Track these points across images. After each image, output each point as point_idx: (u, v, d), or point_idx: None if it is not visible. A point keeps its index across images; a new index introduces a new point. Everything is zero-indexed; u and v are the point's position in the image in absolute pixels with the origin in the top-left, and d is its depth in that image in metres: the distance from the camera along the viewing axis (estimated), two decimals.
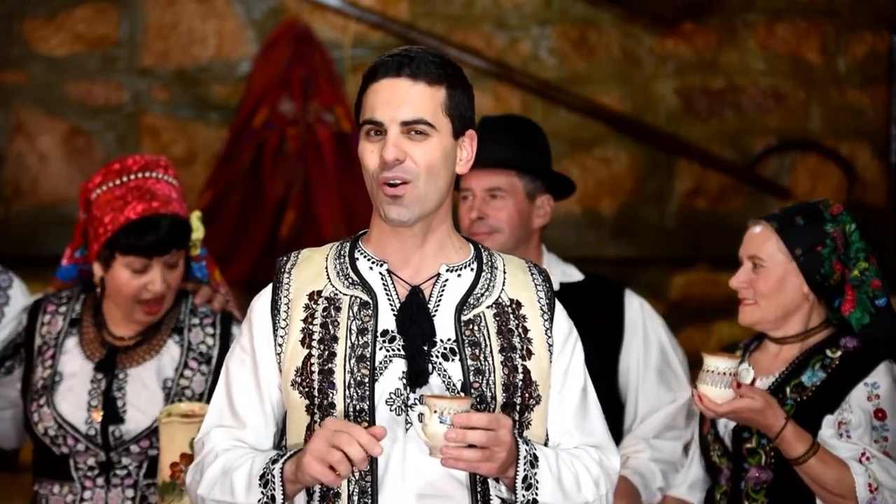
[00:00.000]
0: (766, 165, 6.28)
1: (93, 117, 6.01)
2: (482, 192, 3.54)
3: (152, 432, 3.24)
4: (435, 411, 2.37)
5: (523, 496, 2.48)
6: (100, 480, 3.25)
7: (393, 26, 6.08)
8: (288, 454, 2.48)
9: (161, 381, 3.31)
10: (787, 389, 3.15)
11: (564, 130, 6.18)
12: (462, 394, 2.49)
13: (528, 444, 2.50)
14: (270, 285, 2.62)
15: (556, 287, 3.56)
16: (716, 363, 2.98)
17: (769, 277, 3.18)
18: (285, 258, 2.65)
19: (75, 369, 3.29)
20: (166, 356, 3.33)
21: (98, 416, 3.24)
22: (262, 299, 2.61)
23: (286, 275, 2.61)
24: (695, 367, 3.72)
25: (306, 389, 2.51)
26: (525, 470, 2.47)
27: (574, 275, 3.69)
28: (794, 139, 6.28)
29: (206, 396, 3.31)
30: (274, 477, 2.46)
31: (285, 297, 2.58)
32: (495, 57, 6.12)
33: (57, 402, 3.25)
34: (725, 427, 3.23)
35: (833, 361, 3.16)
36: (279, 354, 2.56)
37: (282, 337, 2.56)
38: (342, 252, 2.62)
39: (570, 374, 2.61)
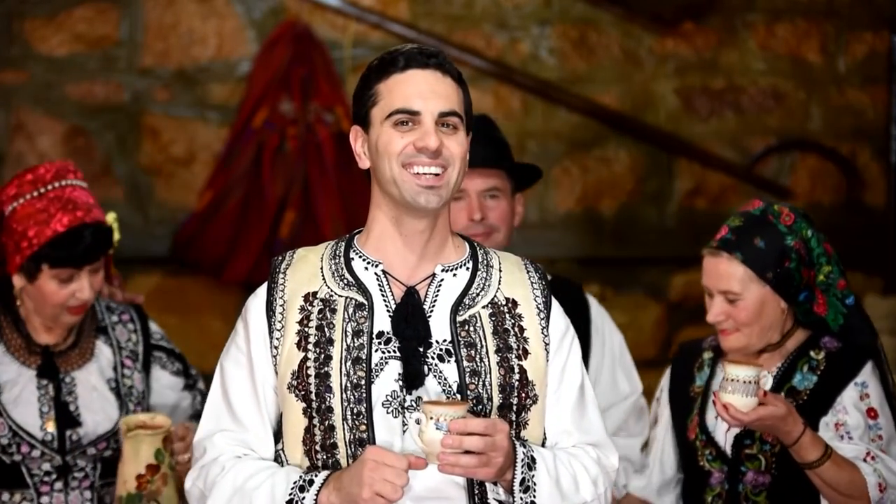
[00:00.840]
0: (766, 165, 6.28)
1: (93, 117, 6.00)
2: (479, 192, 3.53)
3: (112, 436, 3.25)
4: (431, 417, 2.37)
5: (521, 499, 2.47)
6: (58, 485, 3.25)
7: (393, 26, 6.08)
8: (318, 481, 2.45)
9: (106, 382, 3.32)
10: (782, 394, 3.15)
11: (564, 130, 6.18)
12: (459, 398, 2.49)
13: (525, 447, 2.49)
14: (265, 285, 2.61)
15: None
16: (740, 372, 2.97)
17: (748, 307, 3.17)
18: (280, 258, 2.63)
19: (13, 376, 3.28)
20: (102, 357, 3.34)
21: (51, 425, 3.25)
22: (257, 300, 2.60)
23: (281, 275, 2.60)
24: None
25: (303, 393, 2.50)
26: (522, 473, 2.47)
27: None
28: (794, 139, 6.28)
29: (146, 394, 3.34)
30: None
31: (280, 298, 2.57)
32: (495, 57, 6.12)
33: (9, 411, 3.24)
34: (715, 429, 3.23)
35: (819, 363, 3.17)
36: (275, 357, 2.55)
37: (277, 339, 2.55)
38: (337, 252, 2.60)
39: (568, 372, 2.61)
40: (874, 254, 6.19)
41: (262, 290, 2.62)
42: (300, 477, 2.47)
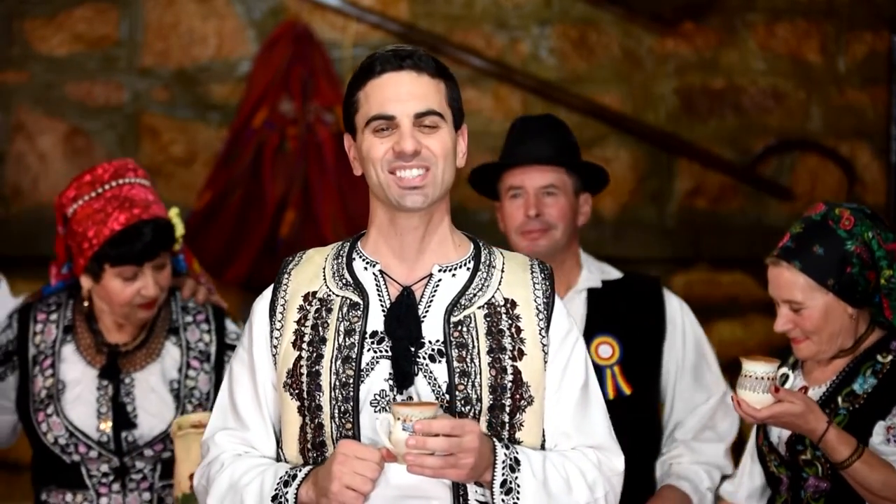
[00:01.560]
0: (766, 165, 6.28)
1: (93, 117, 6.00)
2: (536, 189, 3.53)
3: (166, 436, 3.25)
4: (398, 418, 2.38)
5: (503, 500, 2.45)
6: (115, 486, 3.26)
7: (393, 26, 6.08)
8: (300, 476, 2.46)
9: (167, 384, 3.31)
10: (839, 398, 3.11)
11: None
12: (447, 399, 2.48)
13: (508, 448, 2.47)
14: (272, 285, 2.63)
15: (598, 285, 3.58)
16: (754, 368, 2.95)
17: (813, 315, 3.12)
18: (290, 258, 2.65)
19: (77, 376, 3.29)
20: (168, 358, 3.33)
21: (107, 426, 3.25)
22: (263, 301, 2.62)
23: (286, 275, 2.62)
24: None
25: (297, 391, 2.52)
26: (504, 474, 2.45)
27: (612, 273, 3.68)
28: (794, 139, 6.28)
29: (212, 395, 3.32)
30: (287, 501, 2.45)
31: (283, 297, 2.59)
32: (495, 57, 6.12)
33: (66, 411, 3.25)
34: (779, 438, 3.20)
35: (884, 367, 3.12)
36: (275, 356, 2.56)
37: (276, 339, 2.57)
38: (341, 253, 2.62)
39: (569, 372, 2.59)
40: None
41: (267, 291, 2.64)
42: (286, 472, 2.49)
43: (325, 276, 2.59)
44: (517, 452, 2.48)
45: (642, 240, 6.19)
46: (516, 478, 2.45)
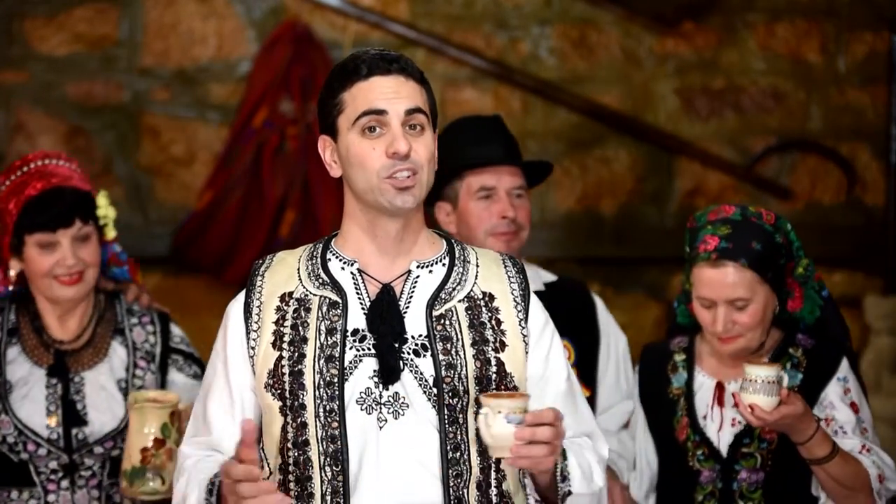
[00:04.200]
0: (766, 165, 6.28)
1: (93, 117, 6.01)
2: (508, 190, 3.52)
3: (118, 434, 3.26)
4: (499, 411, 2.39)
5: (561, 488, 2.52)
6: (64, 483, 3.25)
7: (393, 26, 6.08)
8: (215, 490, 2.49)
9: (116, 383, 3.32)
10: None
11: (564, 130, 6.18)
12: (435, 392, 2.50)
13: None
14: (244, 289, 2.64)
15: (541, 287, 3.57)
16: (761, 372, 2.99)
17: (755, 311, 3.18)
18: (260, 261, 2.67)
19: (24, 375, 3.29)
20: (115, 358, 3.34)
21: (54, 421, 3.25)
22: (237, 304, 2.65)
23: (259, 277, 2.64)
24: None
25: (278, 391, 2.53)
26: (560, 462, 2.52)
27: (548, 276, 3.68)
28: (794, 139, 6.28)
29: None
30: None
31: (258, 299, 2.61)
32: (495, 57, 6.12)
33: (15, 409, 3.24)
34: (706, 428, 3.24)
35: (801, 361, 3.21)
36: (252, 357, 2.58)
37: (254, 340, 2.58)
38: (314, 253, 2.63)
39: (552, 364, 2.63)
40: (874, 254, 6.19)
41: (241, 295, 2.66)
42: (210, 482, 2.51)
43: (300, 276, 2.60)
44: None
45: (642, 240, 6.19)
46: (566, 465, 2.53)
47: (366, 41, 6.06)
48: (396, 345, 2.52)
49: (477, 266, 2.63)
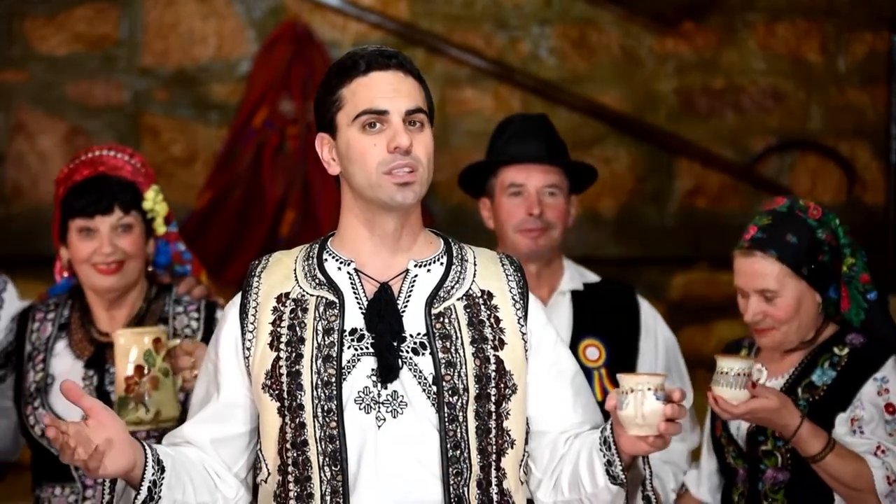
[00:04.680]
0: (766, 165, 6.28)
1: (93, 117, 6.01)
2: (538, 188, 3.51)
3: (149, 423, 3.25)
4: (649, 388, 2.39)
5: (643, 470, 2.55)
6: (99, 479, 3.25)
7: (393, 26, 6.08)
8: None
9: None
10: (799, 390, 3.14)
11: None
12: (435, 390, 2.49)
13: None
14: (241, 291, 2.64)
15: (580, 287, 3.58)
16: (730, 364, 2.97)
17: (786, 304, 3.14)
18: (256, 262, 2.66)
19: (66, 369, 3.29)
20: None
21: None
22: (233, 307, 2.64)
23: (255, 278, 2.63)
24: (694, 368, 3.73)
25: (276, 392, 2.52)
26: None
27: (591, 276, 3.69)
28: (794, 139, 6.28)
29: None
30: None
31: (254, 300, 2.60)
32: (495, 57, 6.12)
33: (52, 404, 3.25)
34: (738, 430, 3.22)
35: (841, 359, 3.15)
36: (247, 359, 2.57)
37: (250, 341, 2.57)
38: (311, 254, 2.62)
39: (561, 360, 2.63)
40: (874, 253, 6.18)
41: (237, 297, 2.65)
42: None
43: (296, 277, 2.59)
44: None
45: (642, 240, 6.20)
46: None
47: (366, 41, 6.06)
48: (395, 343, 2.51)
49: (475, 265, 2.63)
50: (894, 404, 3.11)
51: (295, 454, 2.51)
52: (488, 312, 2.57)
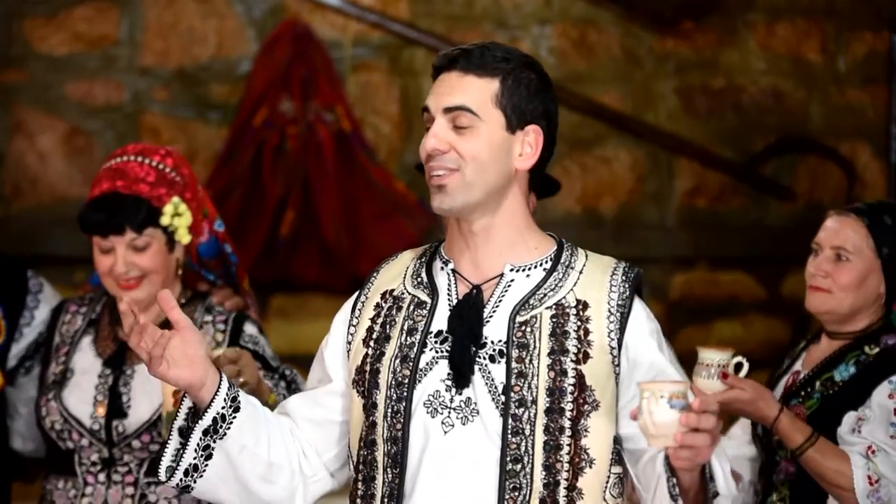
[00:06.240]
0: (766, 165, 6.28)
1: (93, 117, 6.01)
2: None
3: (152, 426, 3.25)
4: (661, 396, 2.24)
5: (710, 488, 2.37)
6: (101, 476, 3.25)
7: (393, 26, 6.08)
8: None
9: None
10: (817, 383, 3.13)
11: (564, 130, 6.10)
12: (503, 399, 2.41)
13: None
14: (363, 284, 2.63)
15: None
16: (706, 355, 2.98)
17: (853, 270, 3.13)
18: (389, 257, 2.65)
19: (86, 366, 3.29)
20: None
21: (102, 411, 3.24)
22: (351, 298, 2.63)
23: (376, 273, 2.62)
24: (693, 368, 3.73)
25: (362, 389, 2.50)
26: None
27: None
28: (794, 139, 6.28)
29: None
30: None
31: (365, 295, 2.59)
32: None
33: (64, 397, 3.25)
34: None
35: (868, 358, 3.13)
36: (348, 352, 2.56)
37: (351, 335, 2.56)
38: (426, 253, 2.60)
39: (662, 372, 2.48)
40: None
41: (361, 287, 2.64)
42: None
43: (405, 274, 2.57)
44: None
45: (642, 239, 6.19)
46: (710, 463, 2.36)
47: (366, 41, 6.07)
48: (473, 349, 2.44)
49: (580, 273, 2.54)
50: None
51: (365, 453, 2.48)
52: (578, 324, 2.47)
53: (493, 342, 2.46)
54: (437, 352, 2.47)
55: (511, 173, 2.52)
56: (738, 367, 3.01)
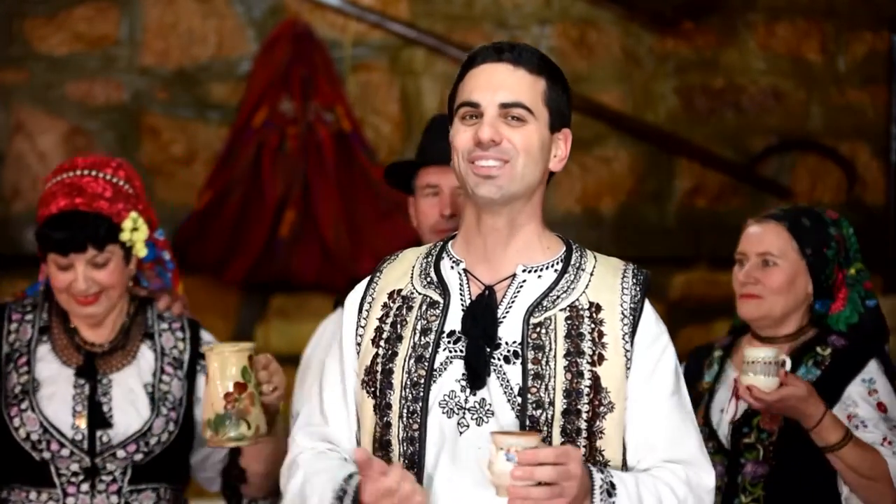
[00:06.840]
0: (766, 165, 6.28)
1: (93, 117, 6.01)
2: (452, 188, 3.50)
3: (140, 437, 3.23)
4: (501, 448, 2.28)
5: None
6: (84, 486, 3.23)
7: (393, 25, 6.08)
8: (351, 492, 2.43)
9: (143, 387, 3.30)
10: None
11: None
12: (519, 401, 2.42)
13: (603, 473, 2.39)
14: (366, 280, 2.61)
15: None
16: (760, 353, 3.01)
17: (782, 274, 3.22)
18: (389, 256, 2.64)
19: (52, 374, 3.26)
20: (143, 362, 3.32)
21: (82, 422, 3.22)
22: (355, 295, 2.60)
23: (380, 272, 2.60)
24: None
25: (372, 389, 2.49)
26: (602, 500, 2.37)
27: None
28: (794, 139, 6.28)
29: (184, 401, 3.30)
30: None
31: (371, 294, 2.58)
32: None
33: (42, 407, 3.22)
34: (719, 423, 3.25)
35: (825, 359, 3.21)
36: (358, 352, 2.55)
37: (360, 335, 2.55)
38: (432, 251, 2.59)
39: (656, 380, 2.50)
40: (874, 253, 6.17)
41: (361, 285, 2.61)
42: (341, 487, 2.45)
43: (412, 274, 2.56)
44: (611, 476, 2.39)
45: (642, 239, 6.19)
46: (613, 502, 2.37)
47: (366, 41, 6.07)
48: (488, 349, 2.44)
49: (591, 275, 2.55)
50: (884, 403, 3.17)
51: (380, 454, 2.48)
52: (592, 326, 2.47)
53: (507, 343, 2.46)
54: (451, 352, 2.46)
55: (546, 173, 2.56)
56: (782, 363, 3.05)
